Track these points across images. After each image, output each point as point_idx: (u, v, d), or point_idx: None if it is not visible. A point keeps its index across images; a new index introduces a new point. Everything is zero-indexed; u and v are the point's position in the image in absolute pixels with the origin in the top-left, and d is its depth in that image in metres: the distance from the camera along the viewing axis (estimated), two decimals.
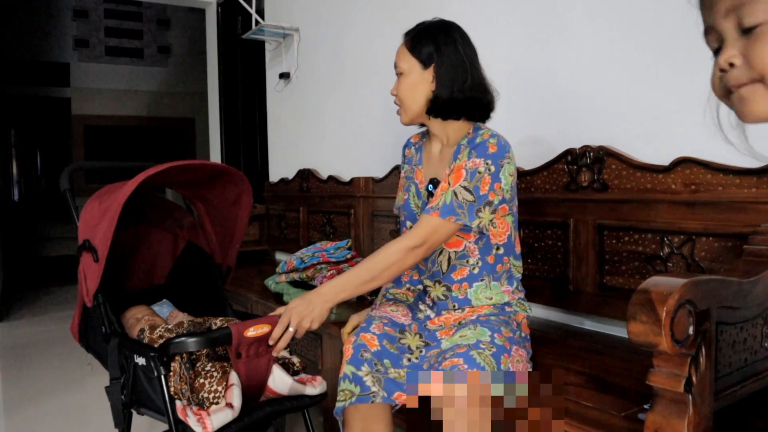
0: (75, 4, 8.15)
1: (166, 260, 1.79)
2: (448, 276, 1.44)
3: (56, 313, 4.69)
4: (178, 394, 1.24)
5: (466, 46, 1.43)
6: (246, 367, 1.25)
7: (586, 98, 1.82)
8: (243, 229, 1.63)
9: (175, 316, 1.66)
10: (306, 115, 3.40)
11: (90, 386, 2.99)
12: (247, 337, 1.23)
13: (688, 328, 0.97)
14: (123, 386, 1.38)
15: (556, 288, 1.86)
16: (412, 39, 1.43)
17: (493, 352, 1.24)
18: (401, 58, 1.44)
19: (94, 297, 1.41)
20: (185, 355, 1.30)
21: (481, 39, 2.21)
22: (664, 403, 0.99)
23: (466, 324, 1.35)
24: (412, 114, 1.45)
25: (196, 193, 1.66)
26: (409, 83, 1.42)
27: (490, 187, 1.33)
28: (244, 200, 1.59)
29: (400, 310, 1.48)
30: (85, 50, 8.25)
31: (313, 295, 1.30)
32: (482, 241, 1.41)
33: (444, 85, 1.39)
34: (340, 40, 3.03)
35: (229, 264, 1.69)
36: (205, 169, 1.53)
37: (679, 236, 1.54)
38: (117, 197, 1.35)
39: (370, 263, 1.33)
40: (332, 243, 2.56)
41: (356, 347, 1.33)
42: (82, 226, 1.45)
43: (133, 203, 1.64)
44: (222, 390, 1.24)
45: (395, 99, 1.47)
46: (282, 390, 1.33)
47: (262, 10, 3.72)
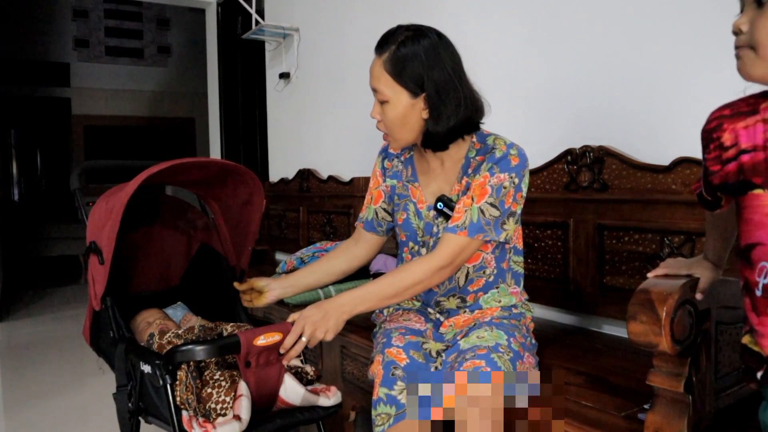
0: (75, 4, 8.15)
1: (180, 262, 1.75)
2: (464, 289, 1.41)
3: (56, 313, 4.69)
4: (184, 404, 1.19)
5: (452, 59, 1.29)
6: (256, 376, 1.20)
7: (586, 98, 1.82)
8: (256, 230, 1.57)
9: (189, 320, 1.61)
10: (306, 115, 3.40)
11: (90, 386, 3.00)
12: (256, 345, 1.18)
13: (688, 328, 0.97)
14: (130, 394, 1.34)
15: (556, 288, 1.86)
16: (392, 61, 1.27)
17: (511, 357, 1.23)
18: (382, 82, 1.28)
19: (101, 300, 1.38)
20: (192, 364, 1.24)
21: (481, 39, 2.22)
22: (664, 403, 0.99)
23: (480, 325, 1.34)
24: (405, 143, 1.35)
25: (209, 193, 1.61)
26: (398, 114, 1.29)
27: (513, 199, 1.30)
28: (255, 200, 1.54)
29: (412, 317, 1.44)
30: (85, 50, 8.25)
31: (329, 305, 1.24)
32: (498, 250, 1.39)
33: (439, 120, 1.28)
34: (340, 40, 3.03)
35: (242, 267, 1.64)
36: (214, 166, 1.48)
37: (679, 236, 1.53)
38: (120, 197, 1.32)
39: (395, 278, 1.27)
40: (332, 243, 2.56)
41: (386, 366, 1.26)
42: (90, 228, 1.42)
43: (146, 203, 1.61)
44: (230, 401, 1.19)
45: (379, 124, 1.35)
46: (294, 400, 1.26)
47: (262, 10, 3.72)
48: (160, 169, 1.31)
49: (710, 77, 1.51)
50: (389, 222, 1.54)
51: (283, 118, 3.69)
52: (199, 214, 1.73)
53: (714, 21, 1.49)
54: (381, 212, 1.53)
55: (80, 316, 4.59)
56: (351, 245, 1.59)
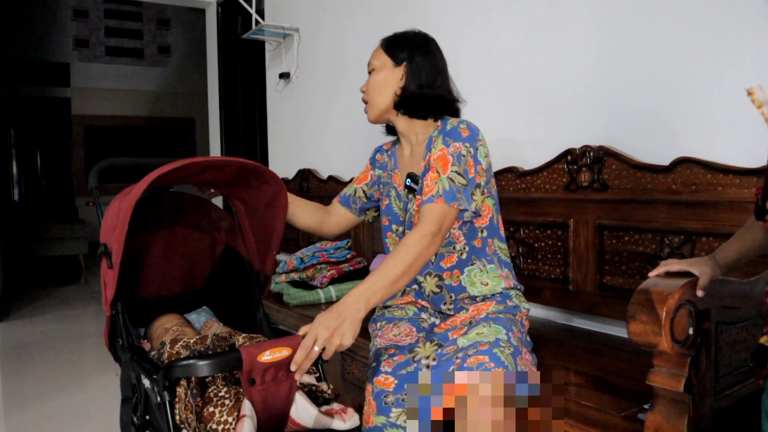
0: (75, 4, 8.15)
1: (205, 264, 1.65)
2: (437, 265, 1.44)
3: (56, 313, 4.69)
4: (184, 424, 1.09)
5: (439, 57, 1.48)
6: (262, 395, 1.09)
7: (586, 98, 1.82)
8: (280, 233, 1.46)
9: (210, 326, 1.53)
10: (306, 115, 3.40)
11: (90, 386, 3.00)
12: (261, 362, 1.07)
13: (688, 328, 0.97)
14: (135, 407, 1.25)
15: (556, 288, 1.86)
16: (388, 41, 1.49)
17: (512, 352, 1.24)
18: (375, 56, 1.49)
19: (111, 305, 1.29)
20: (194, 379, 1.14)
21: (481, 38, 2.22)
22: (664, 403, 0.99)
23: (478, 322, 1.34)
24: (378, 110, 1.47)
25: (234, 193, 1.51)
26: (379, 79, 1.46)
27: (475, 170, 1.36)
28: (280, 202, 1.43)
29: (402, 330, 1.44)
30: (85, 50, 8.25)
31: (340, 307, 1.15)
32: (466, 227, 1.42)
33: (413, 81, 1.43)
34: (340, 40, 3.03)
35: (267, 272, 1.52)
36: (231, 167, 1.37)
37: (679, 236, 1.53)
38: (128, 199, 1.23)
39: (395, 259, 1.22)
40: (332, 243, 2.56)
41: (376, 397, 1.28)
42: (103, 229, 1.34)
43: (166, 202, 1.56)
44: (233, 421, 1.08)
45: (363, 96, 1.51)
46: (306, 422, 1.13)
47: (262, 10, 3.72)
48: (169, 170, 1.22)
49: (710, 77, 1.51)
50: (363, 203, 1.64)
51: (283, 118, 3.69)
52: (223, 214, 1.63)
53: (714, 21, 1.50)
54: (360, 192, 1.63)
55: (80, 316, 4.60)
56: (325, 210, 1.66)
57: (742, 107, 1.45)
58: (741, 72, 1.45)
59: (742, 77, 1.45)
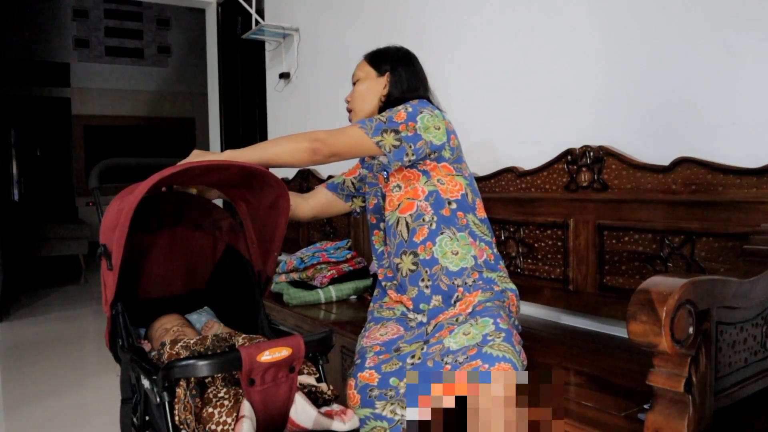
0: (75, 4, 8.15)
1: (205, 264, 1.66)
2: (411, 242, 1.46)
3: (56, 313, 4.69)
4: (183, 425, 1.09)
5: (420, 69, 1.59)
6: (262, 395, 1.10)
7: (587, 98, 1.82)
8: (282, 235, 1.47)
9: (211, 327, 1.54)
10: (306, 115, 3.40)
11: (90, 386, 3.00)
12: (260, 362, 1.08)
13: (688, 328, 0.97)
14: (134, 408, 1.25)
15: (556, 288, 1.86)
16: (372, 55, 1.62)
17: (504, 337, 1.25)
18: (359, 68, 1.61)
19: (111, 306, 1.30)
20: (194, 380, 1.14)
21: (481, 39, 2.22)
22: (664, 403, 0.99)
23: (466, 320, 1.34)
24: (363, 116, 1.55)
25: (237, 194, 1.52)
26: (363, 88, 1.59)
27: (403, 120, 1.41)
28: (281, 204, 1.44)
29: (389, 330, 1.47)
30: (85, 50, 8.25)
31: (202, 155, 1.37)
32: (432, 197, 1.46)
33: (397, 88, 1.54)
34: (340, 40, 3.03)
35: (268, 273, 1.54)
36: (233, 168, 1.39)
37: (679, 236, 1.53)
38: (129, 200, 1.23)
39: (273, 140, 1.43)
40: (332, 243, 2.56)
41: (361, 390, 1.32)
42: (102, 229, 1.34)
43: (168, 202, 1.56)
44: (232, 422, 1.09)
45: (347, 105, 1.61)
46: (306, 423, 1.14)
47: (262, 10, 3.72)
48: (173, 172, 1.23)
49: (710, 77, 1.51)
50: (351, 192, 1.74)
51: (283, 118, 3.69)
52: (224, 214, 1.64)
53: (715, 21, 1.50)
54: (348, 183, 1.74)
55: (80, 316, 4.60)
56: (298, 195, 1.71)
57: (742, 107, 1.46)
58: (741, 72, 1.45)
59: (742, 77, 1.45)
